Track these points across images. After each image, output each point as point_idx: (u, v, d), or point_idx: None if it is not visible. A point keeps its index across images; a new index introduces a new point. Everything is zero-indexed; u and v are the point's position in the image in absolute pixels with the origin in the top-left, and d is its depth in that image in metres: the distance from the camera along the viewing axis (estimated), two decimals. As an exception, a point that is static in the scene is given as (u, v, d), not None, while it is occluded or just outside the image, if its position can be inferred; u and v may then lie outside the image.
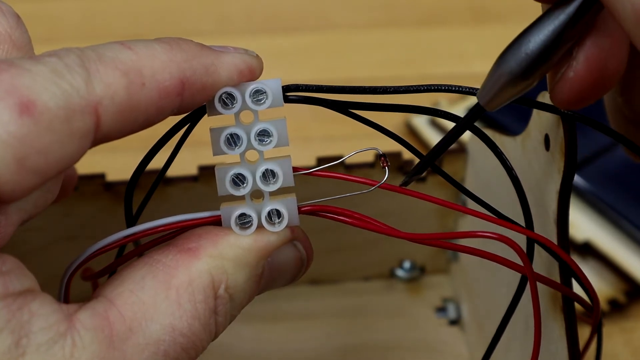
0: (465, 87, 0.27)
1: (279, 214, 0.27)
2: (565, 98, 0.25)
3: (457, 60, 0.64)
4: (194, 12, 0.69)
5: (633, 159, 0.30)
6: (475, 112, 0.26)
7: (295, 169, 0.27)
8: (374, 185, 0.27)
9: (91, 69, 0.23)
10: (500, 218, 0.28)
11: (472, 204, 0.30)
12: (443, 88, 0.28)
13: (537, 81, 0.25)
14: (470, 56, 0.64)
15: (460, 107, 0.56)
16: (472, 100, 0.57)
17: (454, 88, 0.27)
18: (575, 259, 0.32)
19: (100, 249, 0.27)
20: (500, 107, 0.26)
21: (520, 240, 0.28)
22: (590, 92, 0.25)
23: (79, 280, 0.29)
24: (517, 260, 0.28)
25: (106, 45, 0.24)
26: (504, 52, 0.25)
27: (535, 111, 0.31)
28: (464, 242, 0.29)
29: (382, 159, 0.28)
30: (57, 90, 0.22)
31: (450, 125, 0.56)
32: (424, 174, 0.29)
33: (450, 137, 0.27)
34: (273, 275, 0.28)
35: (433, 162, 0.28)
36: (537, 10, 0.26)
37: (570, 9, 0.24)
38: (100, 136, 0.24)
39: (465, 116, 0.26)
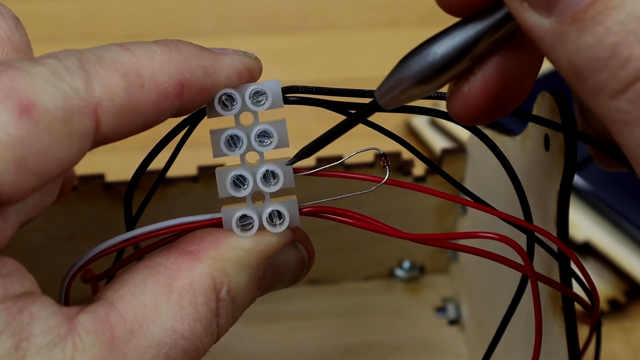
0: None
1: (280, 215, 0.27)
2: (458, 112, 0.25)
3: (456, 60, 0.64)
4: (194, 12, 0.69)
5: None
6: (370, 109, 0.26)
7: (295, 170, 0.27)
8: (377, 183, 0.27)
9: (90, 70, 0.23)
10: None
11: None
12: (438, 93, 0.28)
13: (437, 88, 0.25)
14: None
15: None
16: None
17: (434, 95, 0.28)
18: (575, 259, 0.32)
19: (100, 252, 0.27)
20: (397, 106, 0.25)
21: (521, 242, 0.28)
22: (482, 113, 0.25)
23: (79, 283, 0.29)
24: (518, 260, 0.28)
25: (105, 47, 0.24)
26: (407, 55, 0.25)
27: (535, 111, 0.31)
28: (463, 242, 0.29)
29: (383, 158, 0.28)
30: (57, 91, 0.22)
31: (450, 125, 0.56)
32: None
33: (341, 128, 0.26)
34: (275, 277, 0.28)
35: (319, 149, 0.27)
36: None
37: (482, 26, 0.24)
38: (100, 138, 0.24)
39: (360, 111, 0.26)
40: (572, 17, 0.21)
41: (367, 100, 0.27)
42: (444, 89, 0.26)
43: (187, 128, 0.28)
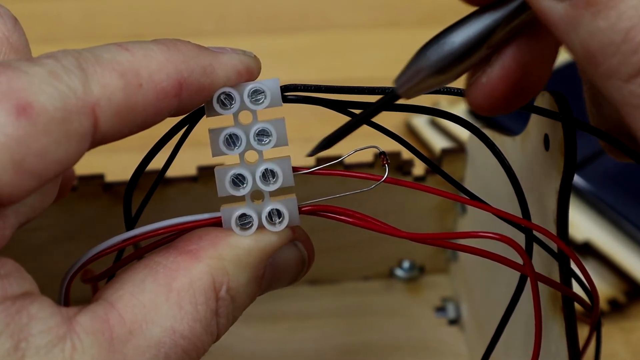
0: (462, 88, 0.27)
1: (279, 214, 0.27)
2: (476, 102, 0.25)
3: (456, 60, 0.64)
4: (194, 12, 0.69)
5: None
6: (390, 98, 0.26)
7: (295, 169, 0.27)
8: (377, 181, 0.27)
9: (88, 70, 0.23)
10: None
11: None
12: (442, 89, 0.28)
13: (455, 79, 0.25)
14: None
15: (461, 107, 0.56)
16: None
17: (451, 89, 0.27)
18: (575, 259, 0.32)
19: (100, 252, 0.27)
20: (416, 96, 0.25)
21: (521, 242, 0.28)
22: (501, 102, 0.25)
23: (79, 283, 0.29)
24: (518, 260, 0.28)
25: (103, 46, 0.24)
26: (426, 44, 0.25)
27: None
28: (463, 242, 0.29)
29: (382, 156, 0.28)
30: (54, 91, 0.22)
31: (450, 125, 0.56)
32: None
33: (361, 118, 0.26)
34: (275, 276, 0.28)
35: (340, 139, 0.27)
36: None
37: (499, 14, 0.24)
38: (98, 137, 0.24)
39: (380, 100, 0.26)
40: (586, 1, 0.21)
41: (366, 98, 0.27)
42: (458, 83, 0.26)
43: (186, 127, 0.28)
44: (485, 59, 0.25)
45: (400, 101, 0.26)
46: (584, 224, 0.49)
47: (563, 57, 0.32)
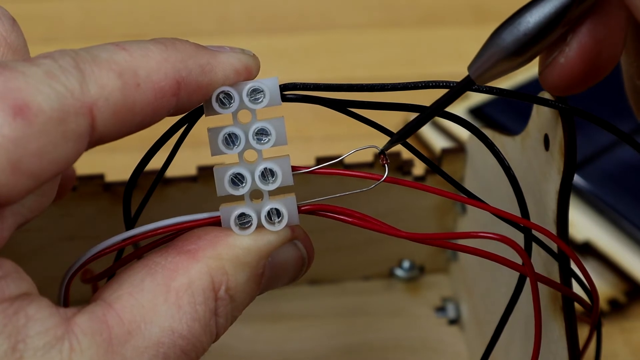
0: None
1: (278, 213, 0.27)
2: (554, 83, 0.25)
3: (457, 60, 0.64)
4: (194, 12, 0.69)
5: None
6: (465, 84, 0.26)
7: (294, 168, 0.27)
8: (376, 180, 0.27)
9: (85, 70, 0.23)
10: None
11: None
12: (441, 84, 0.28)
13: (529, 60, 0.24)
14: (470, 56, 0.64)
15: (461, 106, 0.56)
16: (473, 101, 0.57)
17: (452, 84, 0.27)
18: (575, 258, 0.32)
19: (99, 252, 0.27)
20: (490, 81, 0.25)
21: (521, 243, 0.28)
22: (579, 80, 0.25)
23: (79, 284, 0.29)
24: (518, 260, 0.28)
25: (100, 46, 0.24)
26: (499, 27, 0.25)
27: (534, 111, 0.31)
28: (463, 242, 0.29)
29: (382, 156, 0.28)
30: (51, 92, 0.22)
31: (450, 125, 0.56)
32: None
33: (438, 105, 0.26)
34: (274, 275, 0.28)
35: (418, 128, 0.27)
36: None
37: None
38: (96, 138, 0.24)
39: (455, 86, 0.26)
40: None
41: (366, 96, 0.27)
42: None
43: (185, 126, 0.28)
44: (560, 38, 0.24)
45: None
46: (584, 224, 0.49)
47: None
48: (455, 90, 0.26)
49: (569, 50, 0.25)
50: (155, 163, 0.29)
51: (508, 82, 0.58)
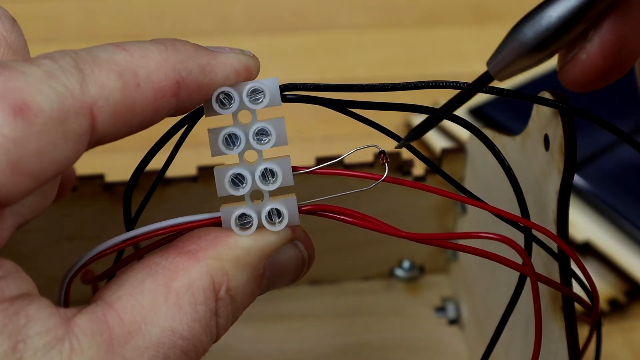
0: (463, 83, 0.27)
1: (279, 213, 0.27)
2: (574, 79, 0.25)
3: (457, 60, 0.64)
4: (194, 12, 0.69)
5: None
6: (483, 80, 0.25)
7: (294, 168, 0.27)
8: (376, 180, 0.27)
9: (85, 70, 0.23)
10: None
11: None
12: (441, 84, 0.28)
13: (550, 57, 0.24)
14: (470, 56, 0.64)
15: (461, 107, 0.56)
16: (473, 101, 0.57)
17: (452, 84, 0.27)
18: (575, 259, 0.32)
19: (100, 253, 0.27)
20: (509, 78, 0.25)
21: (521, 243, 0.28)
22: (600, 77, 0.25)
23: (79, 284, 0.29)
24: (518, 260, 0.28)
25: (101, 46, 0.24)
26: (520, 21, 0.24)
27: (534, 111, 0.31)
28: (463, 242, 0.29)
29: (382, 155, 0.28)
30: (51, 92, 0.22)
31: (450, 125, 0.56)
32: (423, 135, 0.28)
33: (455, 103, 0.26)
34: (274, 275, 0.28)
35: (433, 126, 0.27)
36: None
37: None
38: (96, 138, 0.24)
39: (473, 82, 0.26)
40: None
41: (366, 96, 0.27)
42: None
43: (185, 127, 0.28)
44: (581, 34, 0.24)
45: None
46: (584, 224, 0.49)
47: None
48: (474, 86, 0.25)
49: (590, 46, 0.24)
50: (156, 163, 0.29)
51: (508, 82, 0.58)
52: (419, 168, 0.43)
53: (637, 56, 0.25)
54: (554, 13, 0.23)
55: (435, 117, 0.27)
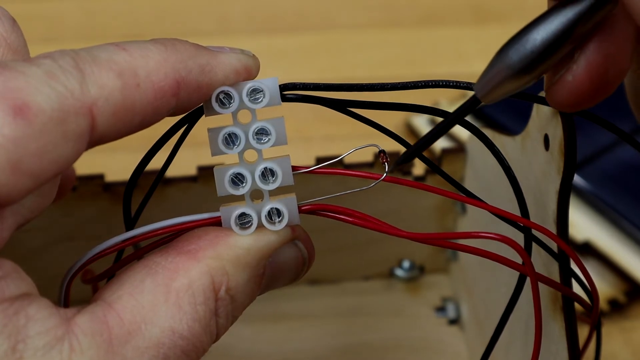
0: (463, 82, 0.27)
1: (279, 213, 0.27)
2: (562, 101, 0.25)
3: (457, 60, 0.64)
4: (194, 12, 0.69)
5: None
6: (470, 104, 0.25)
7: (294, 168, 0.27)
8: (376, 179, 0.27)
9: (85, 70, 0.23)
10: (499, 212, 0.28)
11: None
12: (441, 84, 0.28)
13: (536, 79, 0.24)
14: (470, 56, 0.64)
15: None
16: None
17: (452, 83, 0.27)
18: (575, 258, 0.32)
19: (99, 253, 0.27)
20: (497, 101, 0.25)
21: (521, 243, 0.28)
22: (587, 98, 0.25)
23: (79, 284, 0.29)
24: (518, 260, 0.28)
25: (100, 46, 0.24)
26: (505, 44, 0.24)
27: (534, 111, 0.31)
28: (463, 242, 0.29)
29: (382, 155, 0.28)
30: (51, 92, 0.22)
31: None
32: (410, 163, 0.28)
33: (442, 127, 0.26)
34: (274, 275, 0.28)
35: (421, 152, 0.27)
36: (538, 10, 0.26)
37: (581, 6, 0.23)
38: (96, 138, 0.24)
39: (460, 107, 0.25)
40: None
41: (366, 96, 0.27)
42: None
43: (185, 127, 0.28)
44: (567, 55, 0.24)
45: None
46: (584, 224, 0.49)
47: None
48: (461, 110, 0.25)
49: (576, 67, 0.24)
50: (156, 163, 0.29)
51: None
52: (419, 168, 0.43)
53: (624, 76, 0.25)
54: (539, 36, 0.23)
55: (418, 147, 0.26)
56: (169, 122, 0.27)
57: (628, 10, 0.22)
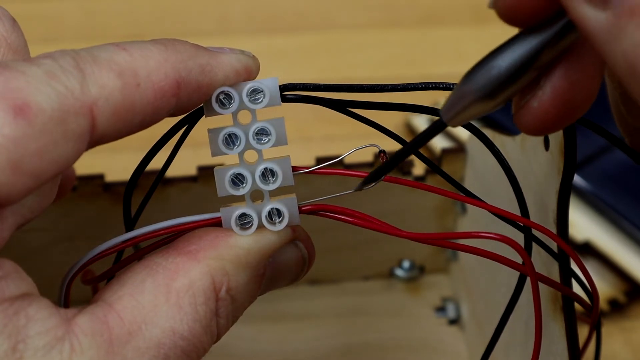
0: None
1: (279, 213, 0.27)
2: (527, 126, 0.25)
3: (457, 60, 0.64)
4: (194, 12, 0.69)
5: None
6: (436, 127, 0.25)
7: (294, 168, 0.27)
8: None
9: (86, 70, 0.23)
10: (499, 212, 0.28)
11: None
12: (441, 86, 0.28)
13: (503, 104, 0.24)
14: (470, 56, 0.64)
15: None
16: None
17: (451, 85, 0.27)
18: (575, 258, 0.32)
19: (100, 253, 0.27)
20: (463, 123, 0.25)
21: (521, 243, 0.28)
22: (552, 123, 0.24)
23: (79, 284, 0.29)
24: (518, 260, 0.28)
25: (101, 46, 0.24)
26: (471, 69, 0.24)
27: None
28: (463, 242, 0.29)
29: (382, 154, 0.28)
30: (52, 92, 0.22)
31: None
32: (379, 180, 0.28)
33: (408, 149, 0.26)
34: (275, 275, 0.28)
35: (388, 171, 0.27)
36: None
37: (546, 34, 0.23)
38: (96, 137, 0.24)
39: (426, 130, 0.25)
40: (630, 11, 0.20)
41: (366, 97, 0.27)
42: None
43: (185, 127, 0.28)
44: (534, 81, 0.24)
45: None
46: (584, 224, 0.49)
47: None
48: (426, 133, 0.25)
49: (542, 93, 0.24)
50: (156, 163, 0.29)
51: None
52: (419, 168, 0.43)
53: (591, 102, 0.24)
54: (503, 63, 0.23)
55: (387, 164, 0.26)
56: (169, 122, 0.27)
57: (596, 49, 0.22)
